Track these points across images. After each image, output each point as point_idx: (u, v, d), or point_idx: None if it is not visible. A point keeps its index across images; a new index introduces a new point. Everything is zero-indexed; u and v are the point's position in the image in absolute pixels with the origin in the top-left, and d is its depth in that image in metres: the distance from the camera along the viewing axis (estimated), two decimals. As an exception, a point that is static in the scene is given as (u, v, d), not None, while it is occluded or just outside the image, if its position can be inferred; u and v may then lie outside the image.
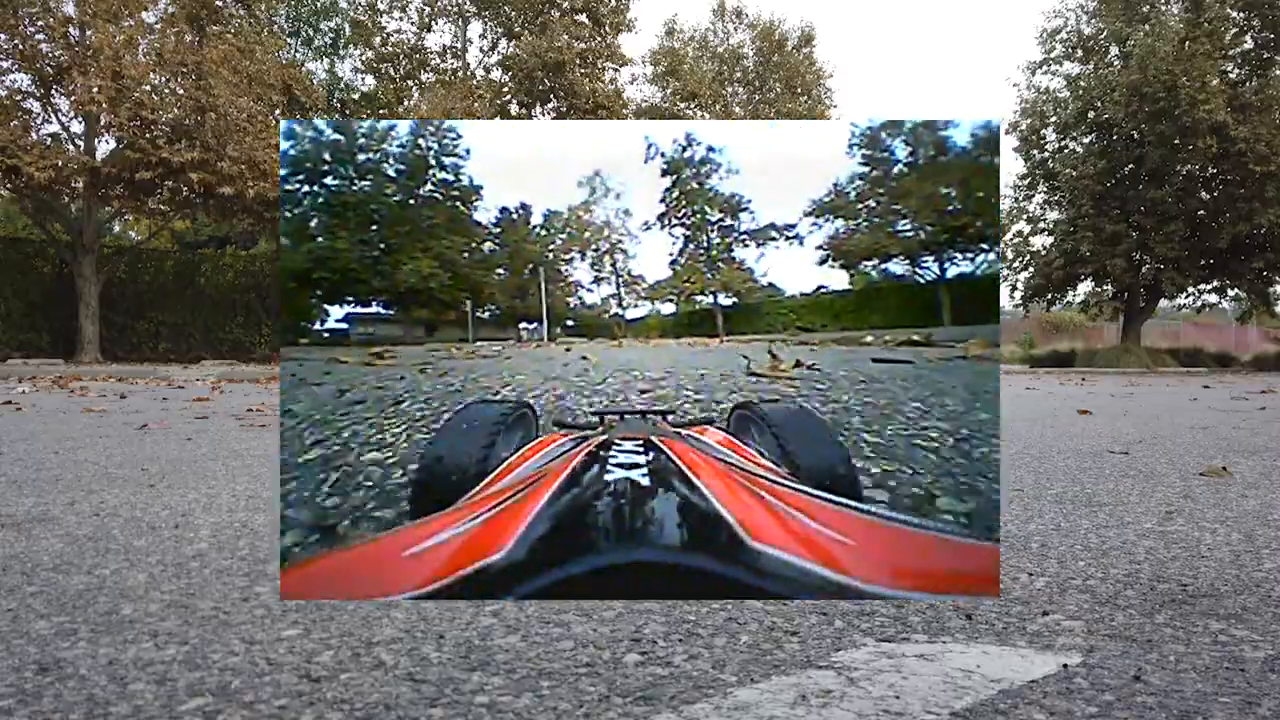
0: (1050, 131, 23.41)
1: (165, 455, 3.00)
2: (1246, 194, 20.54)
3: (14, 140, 14.23)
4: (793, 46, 27.52)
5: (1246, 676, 0.99)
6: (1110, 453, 3.23)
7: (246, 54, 16.03)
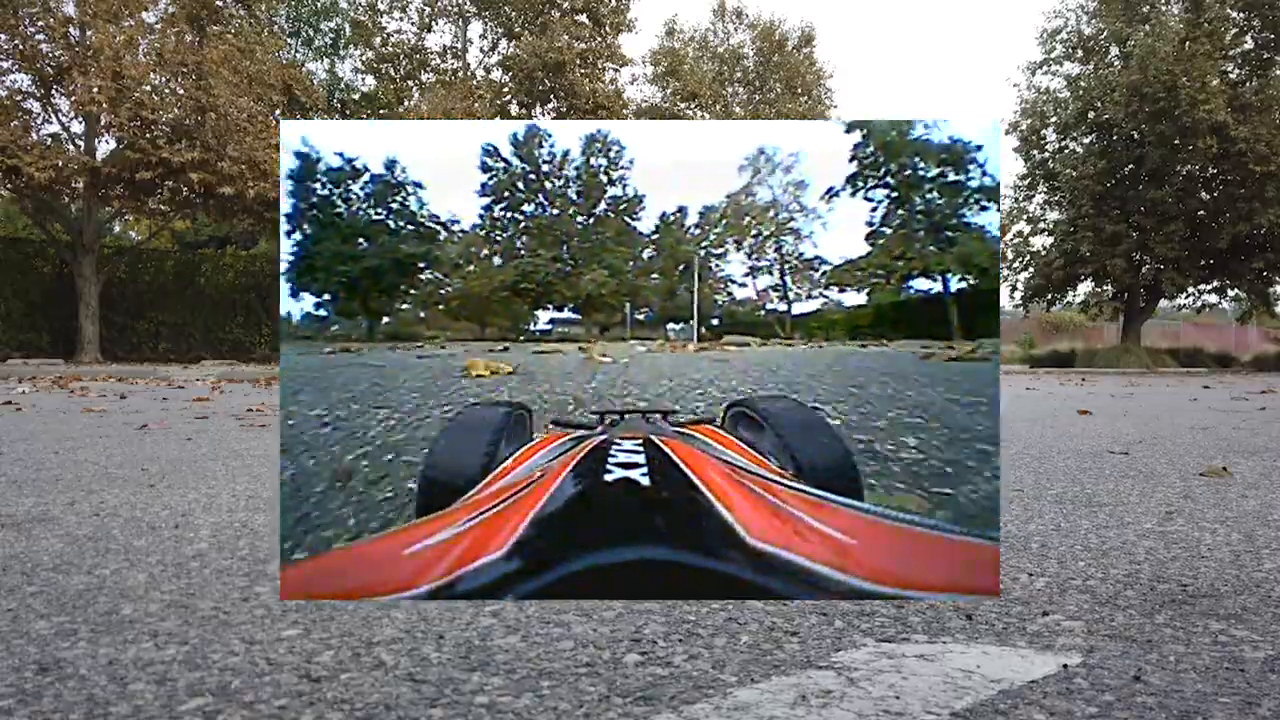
0: (1050, 131, 23.42)
1: (165, 455, 3.00)
2: (1246, 194, 20.55)
3: (14, 140, 14.23)
4: (793, 46, 27.52)
5: (1246, 676, 0.99)
6: (1110, 453, 3.23)
7: (246, 54, 16.03)
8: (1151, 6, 21.47)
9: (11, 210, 23.35)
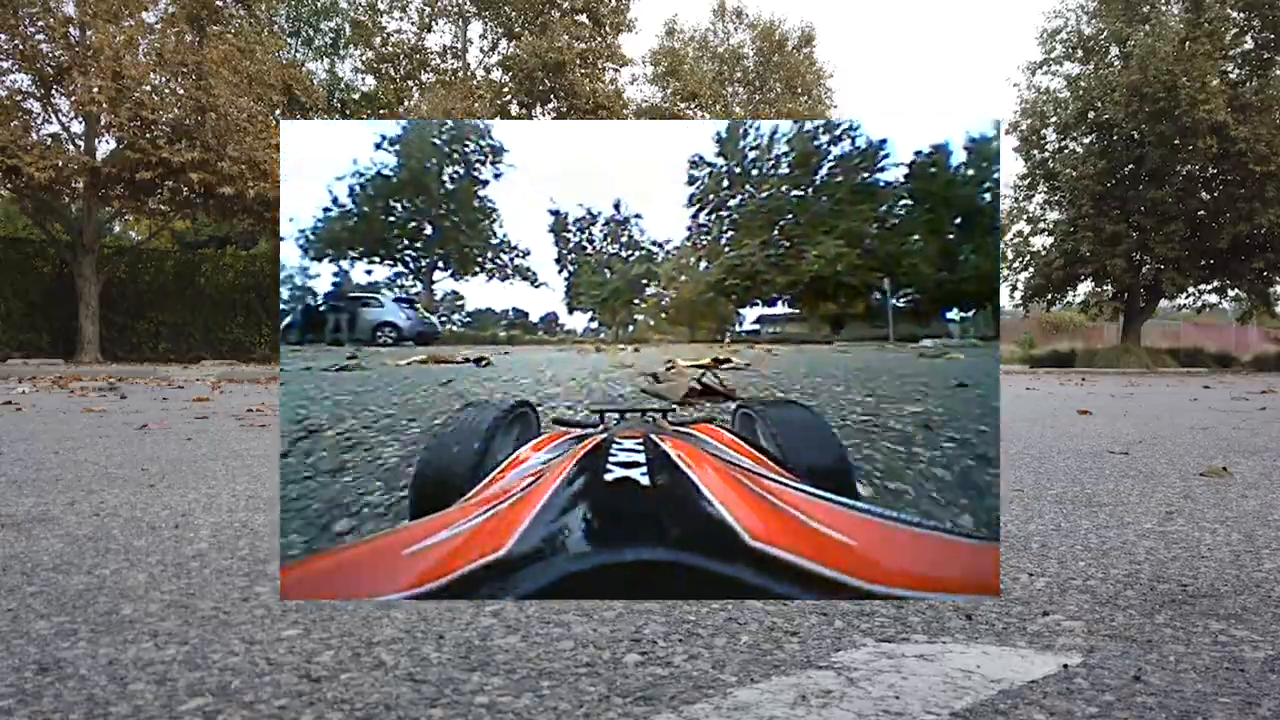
0: (1050, 131, 23.42)
1: (165, 455, 3.00)
2: (1246, 194, 20.55)
3: (14, 140, 14.24)
4: (793, 46, 27.53)
5: (1246, 676, 0.99)
6: (1110, 453, 3.23)
7: (246, 54, 16.03)
8: (1151, 6, 21.47)
9: (11, 210, 23.35)
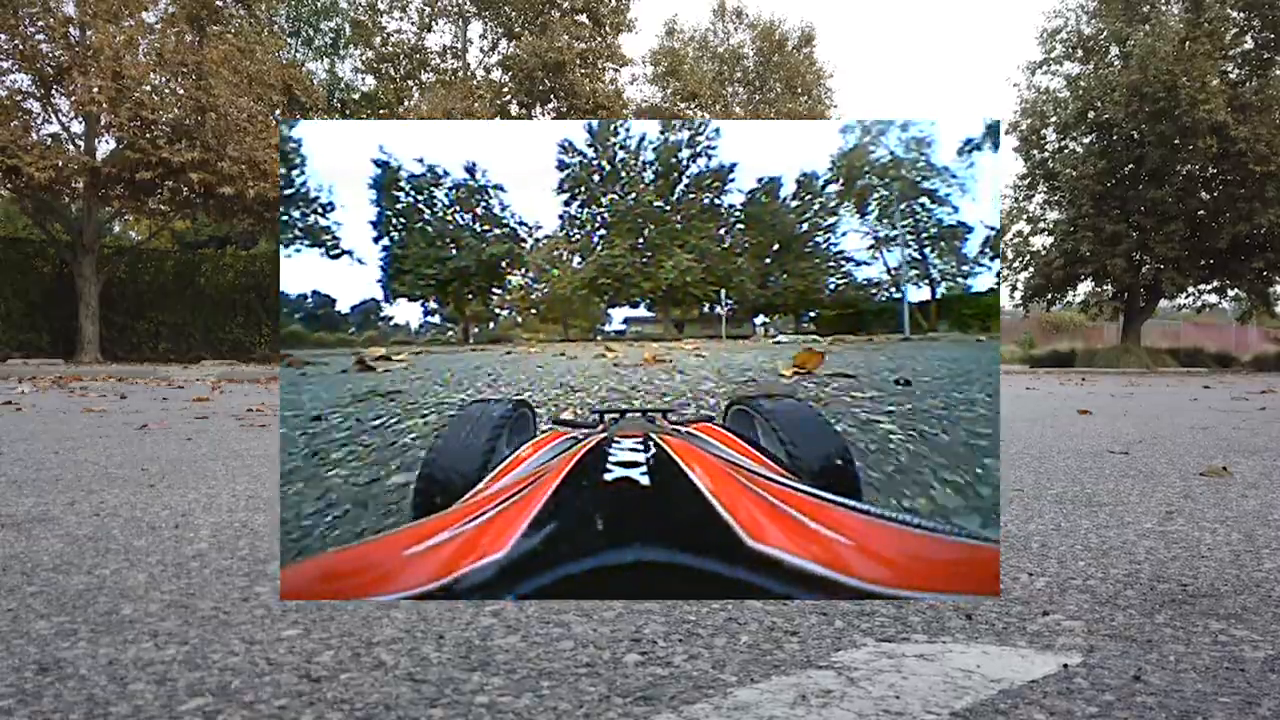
0: (1050, 131, 23.42)
1: (165, 455, 3.00)
2: (1246, 194, 20.55)
3: (14, 140, 14.24)
4: (793, 46, 27.53)
5: (1246, 676, 0.99)
6: (1110, 453, 3.23)
7: (246, 54, 16.03)
8: (1151, 6, 21.47)
9: (11, 210, 23.35)
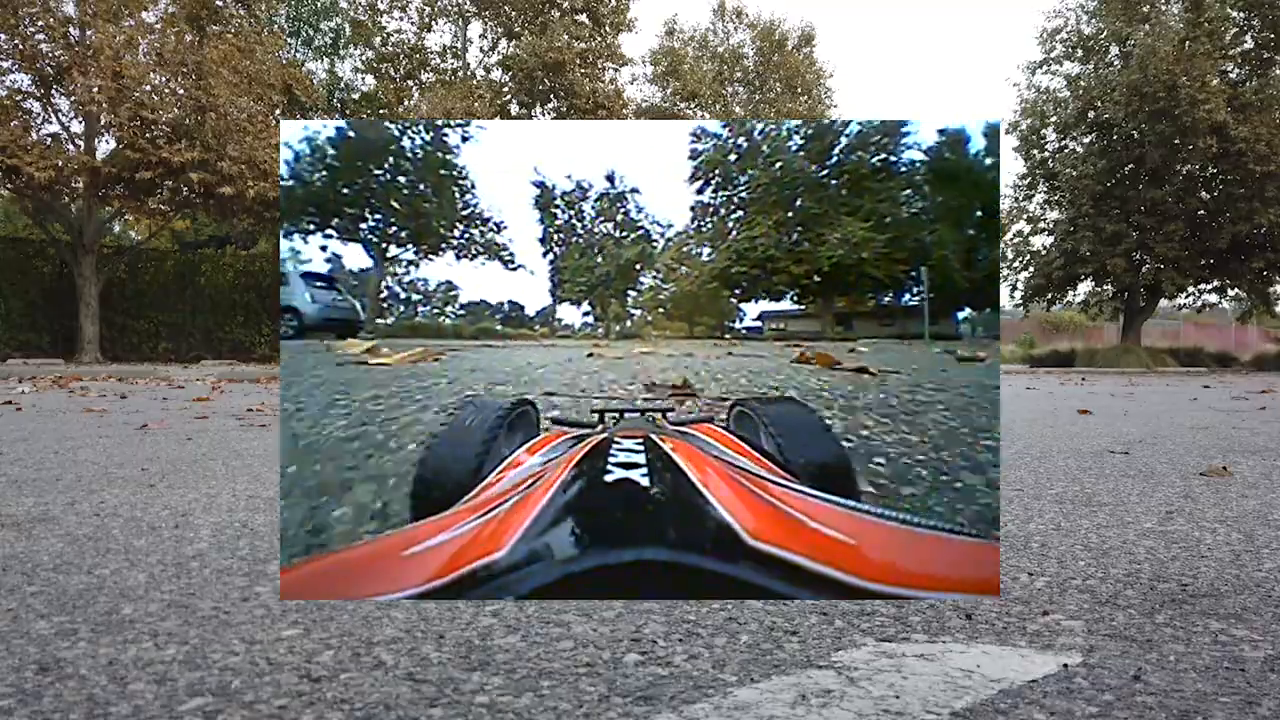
0: (1050, 131, 23.43)
1: (165, 455, 3.00)
2: (1246, 194, 20.55)
3: (14, 140, 14.24)
4: (793, 46, 27.52)
5: (1246, 676, 0.99)
6: (1110, 453, 3.23)
7: (246, 54, 16.03)
8: (1151, 6, 21.47)
9: (11, 210, 23.35)
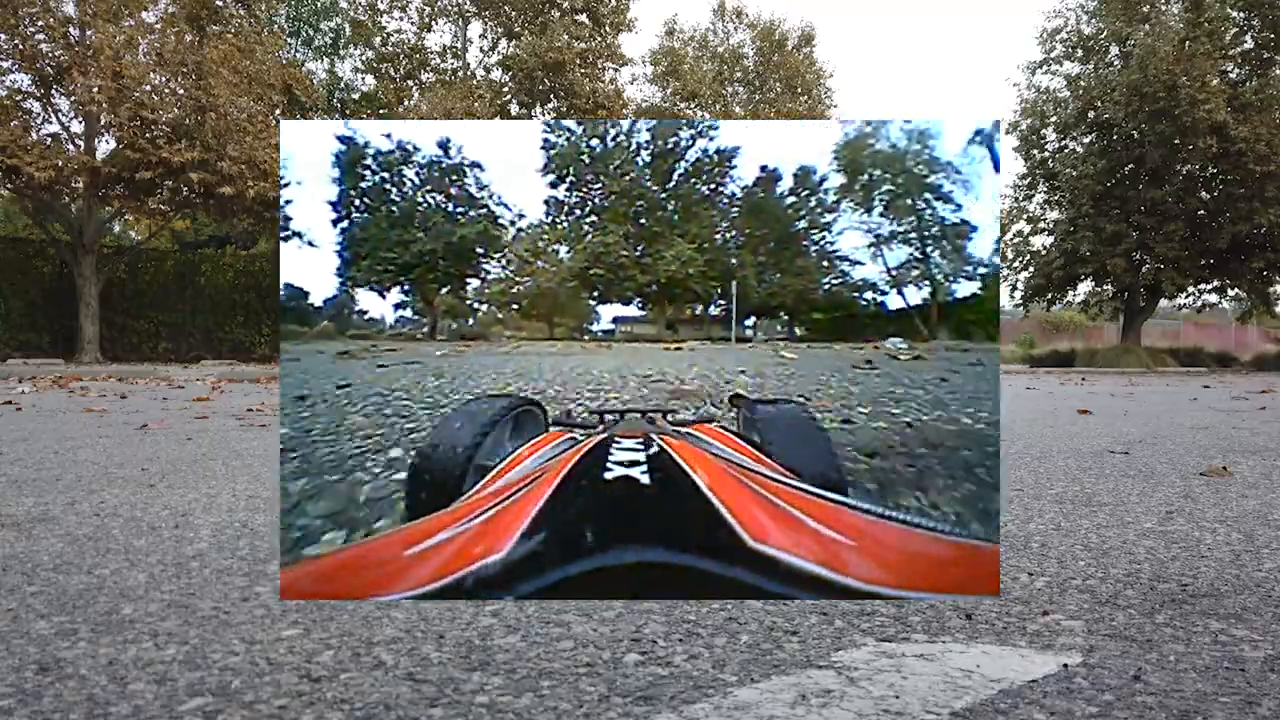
0: (1050, 131, 23.43)
1: (165, 455, 3.00)
2: (1246, 194, 20.55)
3: (14, 140, 14.23)
4: (793, 46, 27.52)
5: (1246, 676, 0.99)
6: (1110, 453, 3.23)
7: (246, 54, 16.02)
8: (1151, 6, 21.47)
9: (11, 210, 23.35)
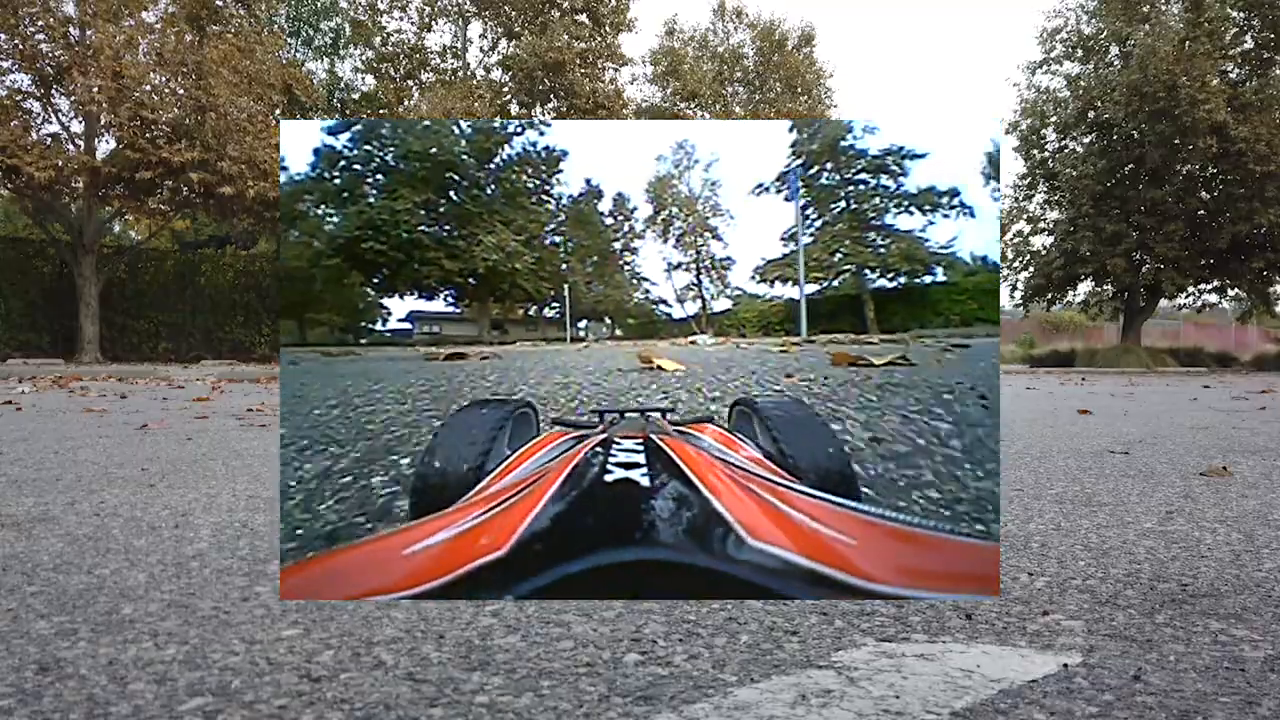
0: (1050, 131, 23.42)
1: (165, 455, 3.00)
2: (1246, 194, 20.55)
3: (14, 140, 14.24)
4: (793, 46, 27.53)
5: (1246, 676, 0.99)
6: (1110, 453, 3.23)
7: (246, 54, 16.03)
8: (1151, 6, 21.47)
9: (11, 210, 23.33)
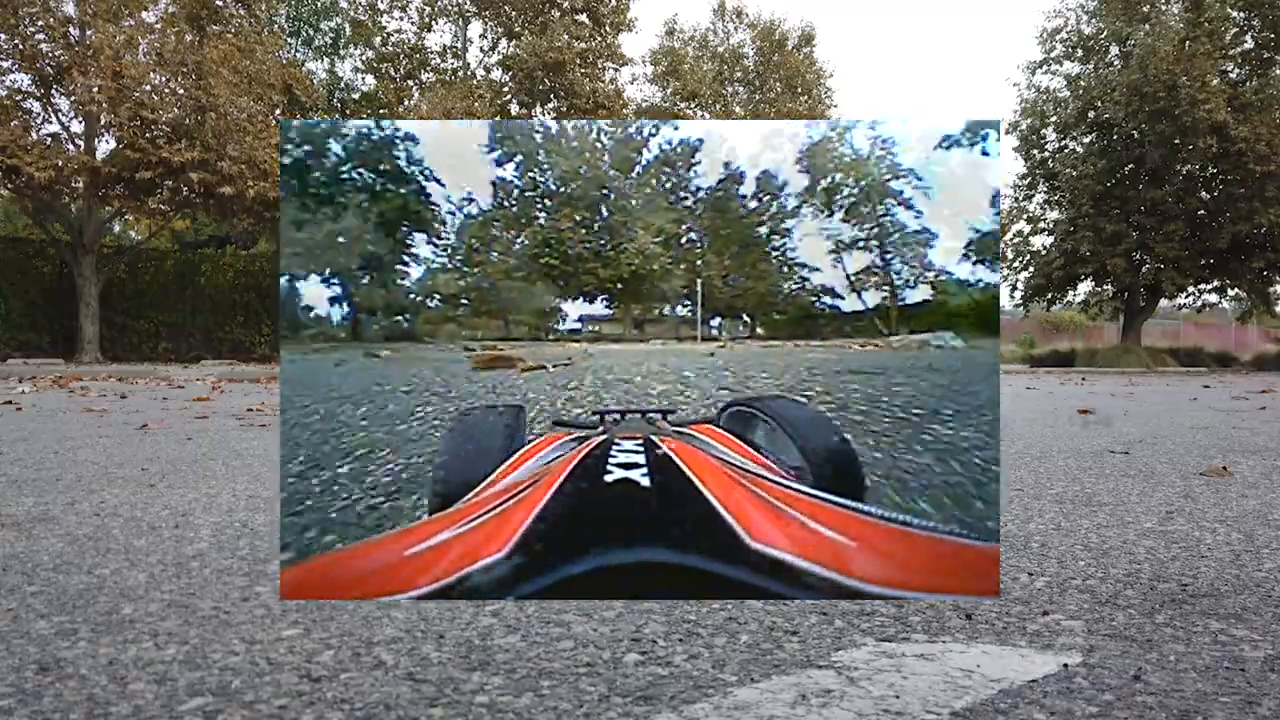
0: (1050, 131, 23.43)
1: (165, 455, 3.00)
2: (1246, 194, 20.55)
3: (14, 140, 14.24)
4: (793, 46, 27.51)
5: (1246, 676, 0.99)
6: (1110, 452, 3.23)
7: (246, 54, 16.02)
8: (1151, 6, 21.47)
9: (11, 210, 23.33)
